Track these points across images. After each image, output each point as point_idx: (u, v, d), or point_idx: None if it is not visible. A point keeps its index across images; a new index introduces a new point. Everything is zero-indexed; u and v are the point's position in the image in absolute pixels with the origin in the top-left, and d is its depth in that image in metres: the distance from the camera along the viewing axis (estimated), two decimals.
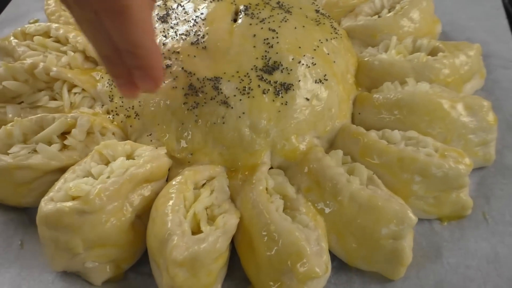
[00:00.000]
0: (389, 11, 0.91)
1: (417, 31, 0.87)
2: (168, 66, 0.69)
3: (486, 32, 0.94)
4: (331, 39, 0.77)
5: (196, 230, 0.58)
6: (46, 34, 0.86)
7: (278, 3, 0.78)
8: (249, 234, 0.59)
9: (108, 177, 0.60)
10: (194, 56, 0.69)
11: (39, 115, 0.69)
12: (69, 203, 0.56)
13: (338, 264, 0.62)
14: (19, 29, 0.87)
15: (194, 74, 0.68)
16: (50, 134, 0.67)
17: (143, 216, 0.63)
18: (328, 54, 0.74)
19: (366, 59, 0.81)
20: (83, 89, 0.78)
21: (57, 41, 0.86)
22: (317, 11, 0.81)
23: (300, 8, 0.79)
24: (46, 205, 0.57)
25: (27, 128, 0.67)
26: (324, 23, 0.79)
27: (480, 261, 0.62)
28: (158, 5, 0.81)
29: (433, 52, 0.81)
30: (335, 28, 0.80)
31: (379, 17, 0.90)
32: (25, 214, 0.68)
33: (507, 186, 0.70)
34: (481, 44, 0.91)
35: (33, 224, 0.66)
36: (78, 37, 0.85)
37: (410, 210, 0.59)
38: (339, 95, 0.73)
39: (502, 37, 0.93)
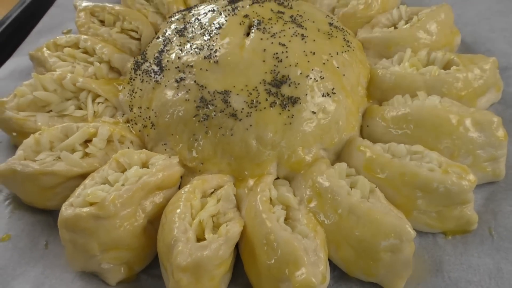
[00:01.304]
0: (407, 23, 0.92)
1: (434, 43, 0.87)
2: (182, 79, 0.73)
3: (508, 43, 0.92)
4: (342, 52, 0.79)
5: (202, 237, 0.61)
6: (76, 45, 0.93)
7: (291, 17, 0.80)
8: (251, 242, 0.61)
9: (123, 185, 0.65)
10: (206, 70, 0.72)
11: (64, 124, 0.75)
12: (86, 209, 0.61)
13: (339, 273, 0.64)
14: (51, 40, 0.93)
15: (205, 87, 0.71)
16: (73, 143, 0.72)
17: (154, 221, 0.67)
18: (338, 67, 0.76)
19: (379, 71, 0.82)
20: (106, 99, 0.83)
21: (85, 52, 0.92)
22: (330, 24, 0.83)
23: (313, 22, 0.81)
24: (66, 210, 0.62)
25: (53, 137, 0.73)
26: (336, 36, 0.80)
27: (482, 277, 0.62)
28: (177, 19, 0.85)
29: (447, 65, 0.81)
30: (347, 41, 0.82)
31: (395, 28, 0.91)
32: (50, 216, 0.74)
33: None
34: (501, 55, 0.91)
35: (57, 226, 0.72)
36: (104, 49, 0.91)
37: (409, 224, 0.60)
38: (347, 107, 0.75)
39: None
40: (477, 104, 0.79)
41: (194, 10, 0.86)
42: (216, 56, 0.73)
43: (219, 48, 0.74)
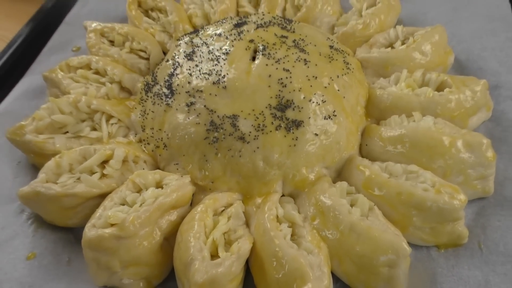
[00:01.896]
0: (403, 42, 0.97)
1: (429, 63, 0.92)
2: (192, 104, 0.78)
3: (499, 62, 0.97)
4: (342, 75, 0.84)
5: (215, 253, 0.67)
6: (87, 66, 0.97)
7: (294, 41, 0.85)
8: (260, 257, 0.67)
9: (141, 205, 0.70)
10: (215, 95, 0.77)
11: (82, 147, 0.79)
12: (108, 230, 0.66)
13: (341, 285, 0.70)
14: (64, 62, 0.97)
15: (215, 111, 0.76)
16: (92, 165, 0.77)
17: (170, 238, 0.72)
18: (338, 90, 0.81)
19: (377, 91, 0.87)
20: (119, 119, 0.88)
21: (97, 72, 0.97)
22: (331, 47, 0.88)
23: (315, 45, 0.86)
24: (89, 231, 0.67)
25: (73, 159, 0.78)
26: (337, 59, 0.85)
27: None
28: (185, 42, 0.90)
29: (441, 86, 0.86)
30: (347, 63, 0.87)
31: (392, 48, 0.96)
32: (71, 234, 0.79)
33: (504, 218, 0.75)
34: (492, 74, 0.96)
35: (78, 242, 0.77)
36: (115, 70, 0.95)
37: (405, 241, 0.65)
38: (347, 128, 0.80)
39: None
40: (468, 123, 0.84)
41: (201, 34, 0.91)
42: (224, 81, 0.78)
43: (227, 73, 0.79)
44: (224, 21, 0.93)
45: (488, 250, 0.71)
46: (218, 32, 0.88)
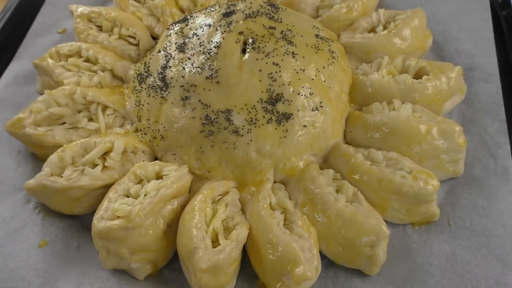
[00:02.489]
0: (384, 26, 1.01)
1: (409, 48, 0.97)
2: (187, 98, 0.82)
3: (473, 44, 1.03)
4: (328, 65, 0.88)
5: (215, 239, 0.74)
6: (78, 53, 0.98)
7: (281, 32, 0.88)
8: (256, 242, 0.74)
9: (144, 197, 0.76)
10: (209, 90, 0.81)
11: (83, 140, 0.83)
12: (116, 222, 0.72)
13: (328, 262, 0.79)
14: (54, 49, 0.98)
15: (209, 106, 0.80)
16: (93, 158, 0.81)
17: (172, 225, 0.79)
18: (324, 81, 0.86)
19: (360, 78, 0.92)
20: (114, 109, 0.91)
21: (87, 60, 0.98)
22: (316, 36, 0.91)
23: (302, 36, 0.89)
24: (98, 223, 0.73)
25: (75, 152, 0.82)
26: (322, 49, 0.89)
27: (441, 260, 0.77)
28: (176, 33, 0.92)
29: (420, 72, 0.92)
30: (332, 52, 0.91)
31: (375, 32, 1.00)
32: (77, 220, 0.84)
33: (471, 196, 0.83)
34: (467, 56, 1.02)
35: (84, 229, 0.83)
36: (106, 57, 0.97)
37: (385, 224, 0.74)
38: (333, 117, 0.86)
39: (487, 50, 1.01)
40: (444, 107, 0.91)
41: (191, 23, 0.92)
42: (217, 76, 0.81)
43: (220, 68, 0.82)
44: (212, 9, 0.95)
45: (456, 226, 0.81)
46: (207, 22, 0.90)
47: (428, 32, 1.02)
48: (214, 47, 0.85)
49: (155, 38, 1.07)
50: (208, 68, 0.83)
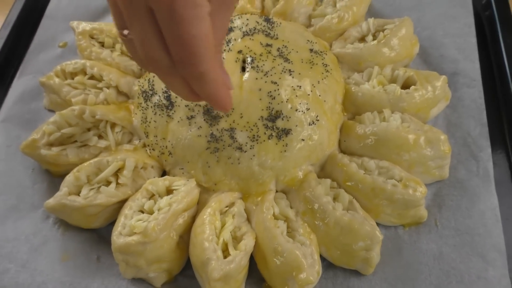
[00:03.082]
0: (374, 35, 1.06)
1: (397, 56, 1.03)
2: (192, 117, 0.88)
3: (458, 49, 1.08)
4: (322, 79, 0.94)
5: (224, 248, 0.81)
6: (83, 71, 1.02)
7: (278, 49, 0.93)
8: (262, 250, 0.82)
9: (158, 212, 0.82)
10: (213, 109, 0.87)
11: (96, 159, 0.89)
12: (134, 237, 0.79)
13: (327, 263, 0.86)
14: (59, 67, 1.02)
15: (214, 125, 0.86)
16: (107, 176, 0.87)
17: (184, 235, 0.86)
18: (320, 96, 0.92)
19: (352, 89, 0.98)
20: (122, 126, 0.96)
21: (92, 77, 1.02)
22: (311, 50, 0.97)
23: (297, 52, 0.94)
24: (118, 239, 0.80)
25: (89, 171, 0.88)
26: (317, 63, 0.95)
27: (429, 259, 0.85)
28: None
29: (408, 81, 0.98)
30: (326, 65, 0.96)
31: (365, 41, 1.06)
32: (95, 233, 0.91)
33: (456, 197, 0.91)
34: (451, 61, 1.08)
35: (102, 241, 0.90)
36: (110, 75, 1.01)
37: (378, 230, 0.81)
38: (328, 129, 0.92)
39: (470, 56, 1.07)
40: (430, 114, 0.98)
41: None
42: None
43: None
44: None
45: (442, 226, 0.88)
46: None
47: (415, 39, 1.07)
48: None
49: None
50: None
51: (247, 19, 0.99)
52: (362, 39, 1.07)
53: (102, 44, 1.08)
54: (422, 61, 1.10)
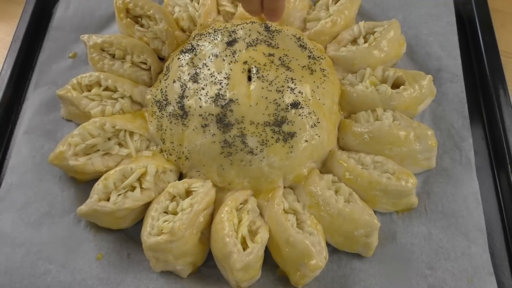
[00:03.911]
0: (365, 37, 1.15)
1: (387, 57, 1.12)
2: (206, 125, 0.97)
3: (441, 47, 1.18)
4: (321, 83, 1.03)
5: (242, 241, 0.92)
6: (97, 83, 1.10)
7: (280, 59, 1.02)
8: (276, 241, 0.93)
9: (181, 212, 0.92)
10: (225, 117, 0.96)
11: (121, 167, 0.98)
12: (163, 237, 0.89)
13: (332, 248, 0.98)
14: (75, 80, 1.09)
15: (226, 132, 0.96)
16: (132, 182, 0.97)
17: (204, 231, 0.97)
18: (319, 99, 1.02)
19: (347, 89, 1.08)
20: (140, 134, 1.05)
21: (106, 88, 1.10)
22: (309, 57, 1.06)
23: (297, 60, 1.04)
24: (148, 239, 0.90)
25: (115, 179, 0.97)
26: (315, 70, 1.04)
27: (420, 240, 0.97)
28: (187, 63, 1.05)
29: (397, 80, 1.08)
30: (323, 70, 1.06)
31: (357, 43, 1.15)
32: (123, 233, 1.00)
33: (442, 184, 1.03)
34: (435, 58, 1.18)
35: (130, 239, 1.00)
36: (124, 85, 1.09)
37: (376, 218, 0.93)
38: (328, 129, 1.02)
39: (452, 53, 1.17)
40: (418, 109, 1.09)
41: (199, 53, 1.05)
42: (230, 106, 0.96)
43: (231, 99, 0.96)
44: (215, 37, 1.07)
45: (431, 211, 1.01)
46: (214, 52, 1.03)
47: (402, 39, 1.17)
48: (224, 77, 0.99)
49: (162, 58, 1.19)
50: (222, 98, 0.97)
51: (249, 30, 1.07)
52: (354, 41, 1.16)
53: (113, 56, 1.15)
54: (409, 59, 1.20)
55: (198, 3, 1.20)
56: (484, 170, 1.08)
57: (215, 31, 1.10)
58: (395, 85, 1.09)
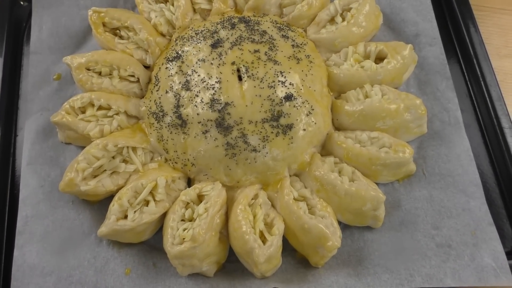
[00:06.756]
0: (342, 15, 1.17)
1: (366, 32, 1.15)
2: (207, 131, 1.00)
3: (416, 12, 1.21)
4: (308, 70, 1.06)
5: (260, 235, 0.97)
6: (90, 104, 1.11)
7: (266, 54, 1.04)
8: (291, 229, 0.98)
9: (198, 218, 0.97)
10: (224, 121, 0.99)
11: (132, 184, 1.01)
12: (186, 244, 0.94)
13: (344, 225, 1.04)
14: (67, 105, 1.10)
15: (228, 135, 0.99)
16: (144, 197, 1.00)
17: (222, 230, 1.02)
18: (310, 87, 1.05)
19: (334, 71, 1.11)
20: (142, 148, 1.08)
21: (100, 107, 1.11)
22: (292, 46, 1.08)
23: (282, 51, 1.06)
24: (172, 249, 0.94)
25: (129, 196, 1.00)
26: (301, 58, 1.07)
27: (422, 203, 1.04)
28: (176, 72, 1.06)
29: (379, 54, 1.12)
30: (308, 57, 1.09)
31: (335, 22, 1.17)
32: (144, 244, 1.05)
33: (435, 147, 1.09)
34: (412, 24, 1.21)
35: (152, 249, 1.05)
36: (117, 102, 1.10)
37: (381, 192, 0.99)
38: (322, 113, 1.06)
39: (427, 16, 1.20)
40: (403, 78, 1.13)
41: (185, 59, 1.06)
42: (227, 109, 0.99)
43: (226, 103, 0.99)
44: (198, 40, 1.08)
45: (429, 174, 1.07)
46: (200, 57, 1.05)
47: (378, 11, 1.19)
48: (216, 82, 1.01)
49: (147, 67, 1.19)
50: (217, 103, 1.00)
51: (231, 28, 1.08)
52: (333, 20, 1.18)
53: (99, 73, 1.15)
54: (387, 28, 1.23)
55: (173, 5, 1.20)
56: (472, 125, 1.14)
57: (196, 34, 1.11)
58: (378, 59, 1.12)
